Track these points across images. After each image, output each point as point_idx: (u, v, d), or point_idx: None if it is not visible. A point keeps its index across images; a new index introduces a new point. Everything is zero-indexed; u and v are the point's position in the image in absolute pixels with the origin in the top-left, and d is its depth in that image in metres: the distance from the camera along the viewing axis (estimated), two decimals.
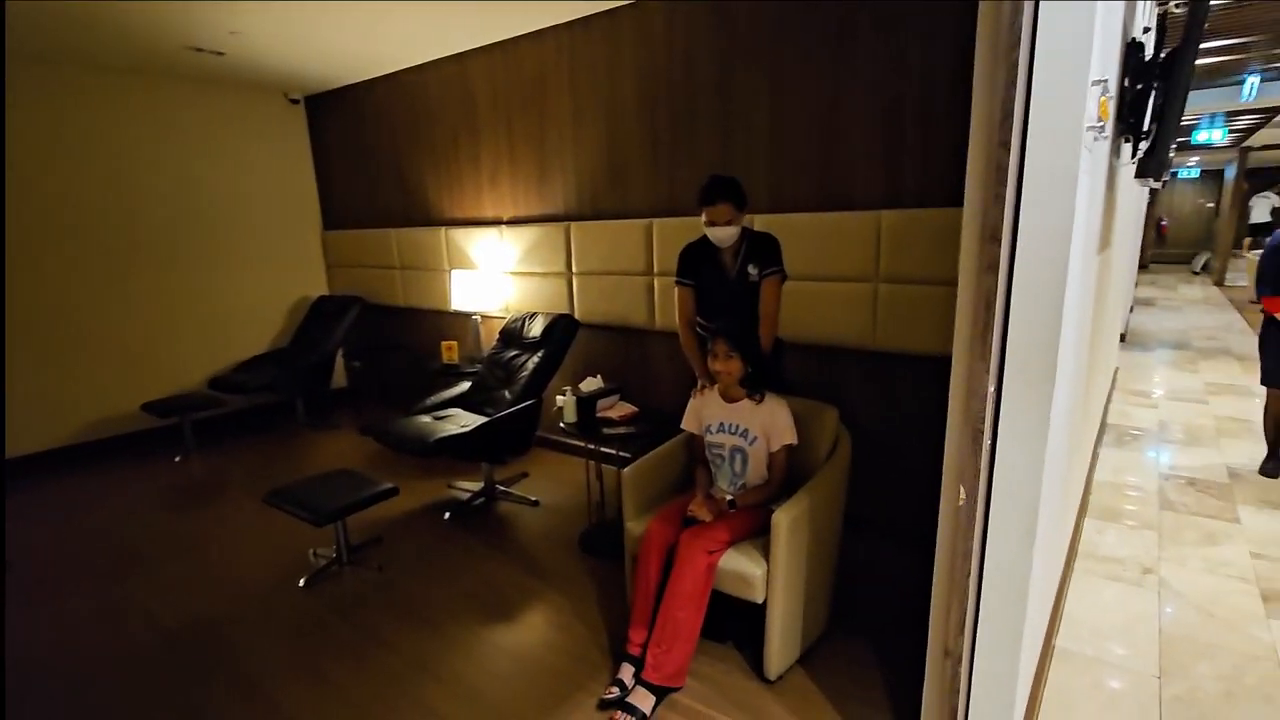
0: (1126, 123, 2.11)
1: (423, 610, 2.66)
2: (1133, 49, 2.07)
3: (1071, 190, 1.27)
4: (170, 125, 4.76)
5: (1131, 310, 8.96)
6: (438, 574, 2.94)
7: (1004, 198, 1.27)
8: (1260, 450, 3.88)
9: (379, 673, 2.29)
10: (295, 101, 5.45)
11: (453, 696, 2.16)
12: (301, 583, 2.87)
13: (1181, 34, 1.86)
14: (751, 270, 2.54)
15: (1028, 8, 1.22)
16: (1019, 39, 1.21)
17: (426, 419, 3.60)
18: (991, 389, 1.38)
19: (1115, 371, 5.89)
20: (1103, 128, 1.48)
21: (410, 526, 3.41)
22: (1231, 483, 3.65)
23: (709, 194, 2.44)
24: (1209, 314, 9.39)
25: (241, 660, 2.39)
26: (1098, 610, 2.55)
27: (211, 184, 5.01)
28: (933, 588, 1.58)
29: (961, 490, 1.43)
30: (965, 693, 1.56)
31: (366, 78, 4.93)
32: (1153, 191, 12.47)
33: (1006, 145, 1.25)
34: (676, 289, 2.67)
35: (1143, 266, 13.27)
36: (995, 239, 1.28)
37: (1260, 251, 3.78)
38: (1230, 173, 12.74)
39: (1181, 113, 1.87)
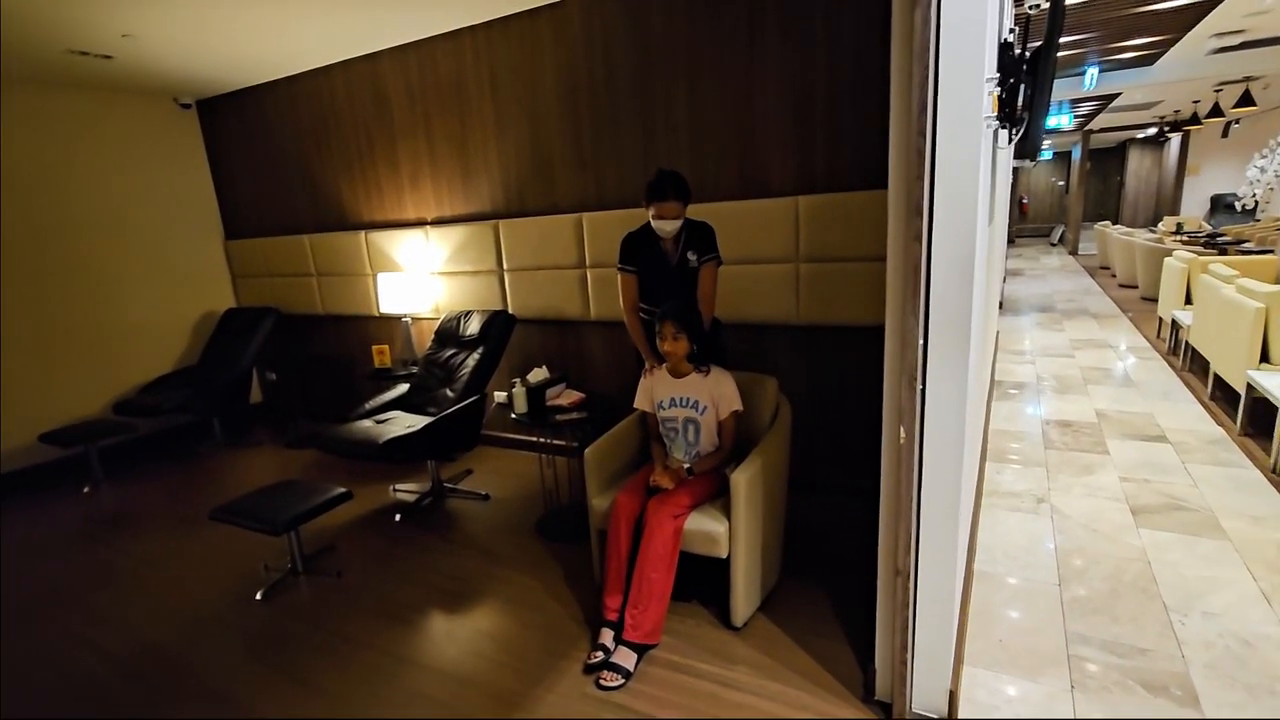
0: (1003, 112, 2.45)
1: (393, 608, 2.69)
2: (1004, 48, 2.40)
3: (975, 170, 1.52)
4: (52, 135, 4.41)
5: (1005, 280, 9.91)
6: (400, 573, 2.97)
7: (923, 178, 1.50)
8: (1121, 393, 4.48)
9: (362, 670, 2.31)
10: (186, 106, 5.16)
11: (442, 681, 2.23)
12: (258, 596, 2.82)
13: (1044, 32, 2.18)
14: (691, 256, 2.73)
15: (933, 18, 1.46)
16: (928, 45, 1.45)
17: (368, 423, 3.58)
18: (921, 341, 1.62)
19: (997, 335, 6.56)
20: (991, 118, 1.75)
21: (361, 532, 3.39)
22: (1099, 421, 4.22)
23: (662, 192, 2.59)
24: (1067, 280, 10.52)
25: (211, 678, 2.35)
26: (1004, 537, 2.92)
27: (99, 197, 4.68)
28: (880, 517, 1.82)
29: (902, 430, 1.67)
30: (913, 605, 1.81)
31: (267, 80, 4.76)
32: (1015, 173, 13.75)
33: (923, 134, 1.48)
34: (620, 275, 2.82)
35: (1010, 241, 14.64)
36: (919, 213, 1.52)
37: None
38: (1076, 153, 14.27)
39: (1049, 102, 2.20)
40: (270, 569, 3.03)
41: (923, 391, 1.66)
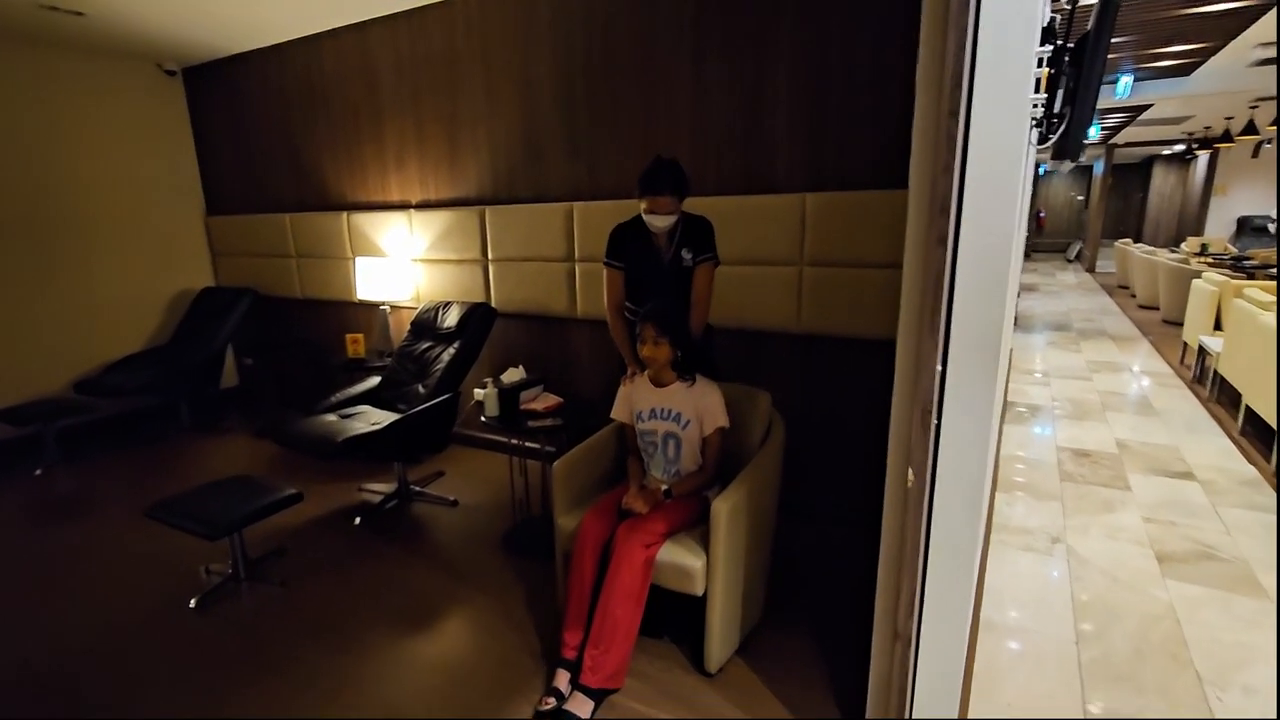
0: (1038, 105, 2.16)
1: (337, 625, 2.43)
2: (1045, 34, 2.11)
3: (1018, 161, 1.25)
4: (24, 96, 4.16)
5: (1019, 295, 9.58)
6: (351, 585, 2.71)
7: (953, 169, 1.23)
8: (1142, 422, 4.19)
9: (290, 698, 2.06)
10: (171, 73, 4.90)
11: (378, 711, 1.97)
12: (192, 604, 2.57)
13: (1094, 20, 1.90)
14: (685, 255, 2.46)
15: None
16: (966, 4, 1.17)
17: (332, 417, 3.32)
18: (939, 366, 1.35)
19: (1010, 352, 6.26)
20: (1040, 97, 1.48)
21: (317, 535, 3.14)
22: (1120, 452, 3.92)
23: (655, 185, 2.31)
24: (1084, 298, 10.19)
25: (124, 695, 2.10)
26: (1014, 581, 2.64)
27: (74, 163, 4.43)
28: (879, 573, 1.55)
29: (910, 472, 1.40)
30: (913, 675, 1.55)
31: (254, 47, 4.50)
32: (1034, 183, 13.38)
33: (955, 114, 1.21)
34: (606, 271, 2.55)
35: (1025, 256, 14.27)
36: (945, 211, 1.24)
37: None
38: (1099, 168, 13.89)
39: (1097, 95, 1.92)
40: (212, 572, 2.79)
41: (937, 427, 1.39)
